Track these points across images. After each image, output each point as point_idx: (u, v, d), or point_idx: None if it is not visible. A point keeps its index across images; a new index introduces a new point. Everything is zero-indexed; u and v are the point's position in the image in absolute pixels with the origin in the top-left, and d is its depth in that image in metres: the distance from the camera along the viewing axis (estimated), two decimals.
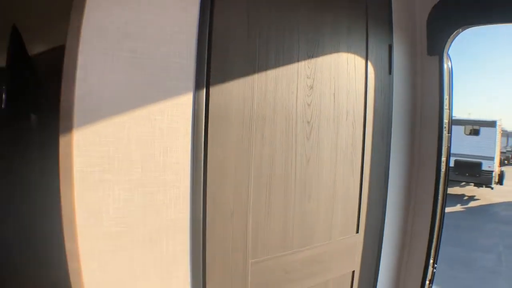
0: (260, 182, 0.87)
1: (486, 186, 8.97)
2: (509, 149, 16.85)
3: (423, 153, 1.31)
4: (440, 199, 1.28)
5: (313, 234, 1.03)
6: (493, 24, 1.24)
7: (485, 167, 8.73)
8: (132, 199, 0.70)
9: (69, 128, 0.63)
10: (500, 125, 9.39)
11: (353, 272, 1.19)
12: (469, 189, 9.39)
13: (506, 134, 15.46)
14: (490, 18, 1.18)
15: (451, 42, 1.24)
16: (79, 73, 0.62)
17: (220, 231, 0.81)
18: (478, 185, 9.00)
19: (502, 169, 9.70)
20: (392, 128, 1.22)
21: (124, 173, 0.68)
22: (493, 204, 8.64)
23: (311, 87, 0.94)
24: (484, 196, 9.18)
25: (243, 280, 0.88)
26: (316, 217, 1.03)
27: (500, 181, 9.35)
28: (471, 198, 9.04)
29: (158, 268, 0.74)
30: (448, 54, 1.26)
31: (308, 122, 0.96)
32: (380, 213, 1.22)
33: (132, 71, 0.67)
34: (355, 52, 1.07)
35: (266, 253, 0.91)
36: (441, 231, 1.33)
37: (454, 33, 1.20)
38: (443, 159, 1.28)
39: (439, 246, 1.36)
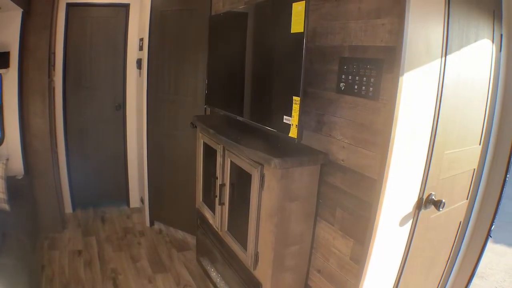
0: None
1: None
2: None
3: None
4: None
5: (463, 142, 1.87)
6: None
7: None
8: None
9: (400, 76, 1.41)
10: None
11: (474, 169, 2.04)
12: None
13: None
14: None
15: None
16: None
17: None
18: None
19: None
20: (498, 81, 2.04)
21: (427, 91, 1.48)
22: None
23: (473, 55, 1.76)
24: None
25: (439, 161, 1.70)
26: (467, 134, 1.87)
27: None
28: None
29: None
30: None
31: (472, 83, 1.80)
32: (489, 134, 2.06)
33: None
34: (488, 38, 1.86)
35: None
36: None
37: None
38: None
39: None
